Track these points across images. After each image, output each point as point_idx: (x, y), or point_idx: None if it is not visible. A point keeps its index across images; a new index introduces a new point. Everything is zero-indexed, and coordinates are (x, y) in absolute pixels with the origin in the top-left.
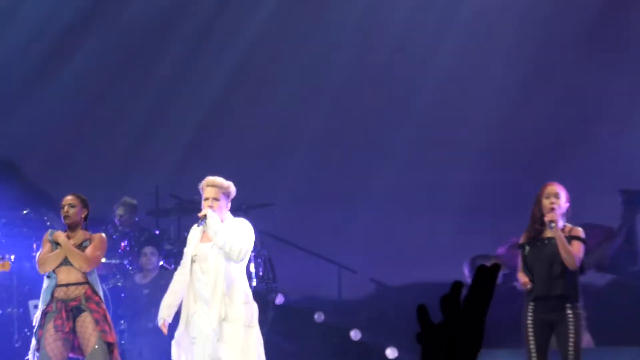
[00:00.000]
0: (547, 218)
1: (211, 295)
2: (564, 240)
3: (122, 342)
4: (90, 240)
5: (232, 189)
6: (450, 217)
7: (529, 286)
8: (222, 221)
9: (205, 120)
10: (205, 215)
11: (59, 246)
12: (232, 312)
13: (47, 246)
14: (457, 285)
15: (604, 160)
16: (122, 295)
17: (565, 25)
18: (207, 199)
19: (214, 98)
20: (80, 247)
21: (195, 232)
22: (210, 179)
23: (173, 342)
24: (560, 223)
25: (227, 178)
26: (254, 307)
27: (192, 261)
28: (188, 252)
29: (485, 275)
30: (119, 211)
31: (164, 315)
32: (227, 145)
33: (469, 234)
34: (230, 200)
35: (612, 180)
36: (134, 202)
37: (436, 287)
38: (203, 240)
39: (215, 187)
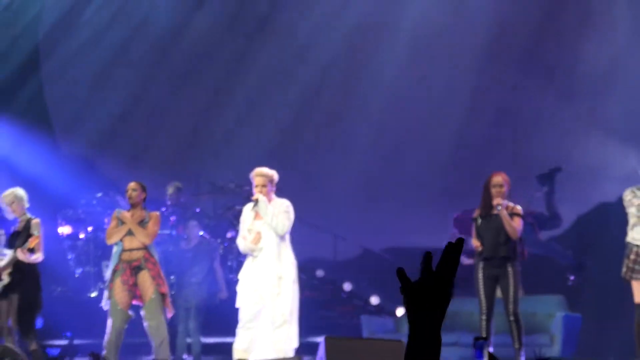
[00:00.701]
0: (494, 202)
1: (264, 258)
2: (508, 218)
3: (172, 292)
4: (149, 217)
5: (276, 176)
6: (423, 196)
7: (480, 249)
8: (269, 202)
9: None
10: (257, 200)
11: (123, 223)
12: (284, 272)
13: (113, 222)
14: (428, 255)
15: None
16: (172, 257)
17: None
18: (257, 185)
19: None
20: (142, 223)
21: (248, 211)
22: (258, 170)
23: (239, 286)
24: (504, 202)
25: (249, 167)
26: (296, 267)
27: (249, 232)
28: (245, 227)
29: (452, 248)
30: (169, 192)
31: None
32: (245, 140)
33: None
34: (274, 185)
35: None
36: (180, 185)
37: (409, 251)
38: (256, 218)
39: (263, 177)
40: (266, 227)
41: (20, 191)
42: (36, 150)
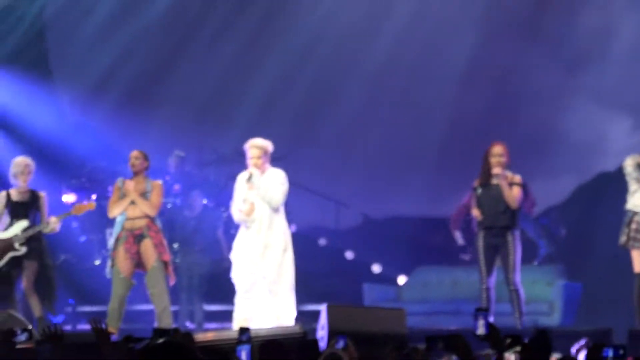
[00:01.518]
0: (494, 171)
1: (258, 228)
2: (507, 187)
3: (176, 260)
4: (151, 186)
5: (270, 147)
6: (423, 165)
7: (479, 218)
8: (263, 174)
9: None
10: (251, 174)
11: (125, 194)
12: (272, 240)
13: (116, 193)
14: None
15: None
16: (175, 226)
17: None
18: (252, 157)
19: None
20: (144, 193)
21: (242, 181)
22: (253, 141)
23: (232, 256)
24: (504, 172)
25: (247, 137)
26: (289, 236)
27: (243, 201)
28: (239, 197)
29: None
30: (171, 161)
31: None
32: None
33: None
34: (269, 156)
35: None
36: (182, 154)
37: (411, 220)
38: (250, 188)
39: (257, 148)
40: (259, 198)
41: (31, 162)
42: (41, 113)
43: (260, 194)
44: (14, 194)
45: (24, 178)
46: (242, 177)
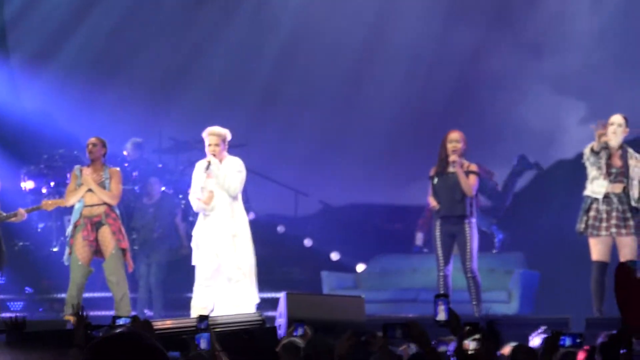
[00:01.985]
0: (450, 159)
1: (217, 215)
2: (464, 175)
3: (135, 247)
4: (109, 173)
5: (229, 135)
6: (382, 153)
7: (437, 208)
8: (221, 161)
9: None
10: (209, 162)
11: (82, 183)
12: (238, 229)
13: (73, 182)
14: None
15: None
16: (133, 212)
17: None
18: (210, 145)
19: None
20: (103, 180)
21: (201, 168)
22: (211, 128)
23: (193, 244)
24: (460, 159)
25: (211, 123)
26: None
27: (201, 189)
28: (197, 184)
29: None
30: (128, 148)
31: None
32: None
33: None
34: (227, 143)
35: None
36: (139, 140)
37: (371, 207)
38: (208, 177)
39: (215, 135)
40: (218, 186)
41: None
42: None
43: (218, 182)
44: None
45: None
46: (200, 165)
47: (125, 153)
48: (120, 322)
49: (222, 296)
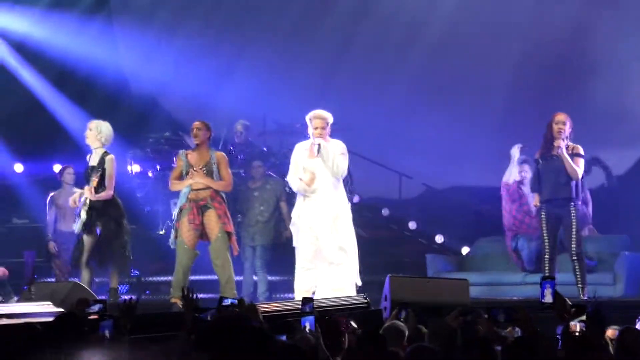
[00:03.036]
0: (555, 143)
1: (319, 198)
2: (569, 159)
3: (240, 230)
4: (215, 157)
5: (331, 119)
6: (486, 131)
7: (538, 205)
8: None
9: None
10: (319, 145)
11: (189, 164)
12: (340, 211)
13: (177, 170)
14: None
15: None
16: (238, 196)
17: None
18: (316, 128)
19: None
20: (207, 164)
21: (302, 149)
22: (317, 112)
23: (292, 226)
24: (566, 142)
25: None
26: (345, 203)
27: (303, 170)
28: (298, 166)
29: None
30: (237, 130)
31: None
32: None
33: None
34: (330, 127)
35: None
36: (247, 123)
37: (473, 190)
38: (309, 156)
39: (321, 119)
40: (321, 167)
41: (106, 125)
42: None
43: (327, 164)
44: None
45: (91, 138)
46: (300, 147)
47: (238, 131)
48: (227, 302)
49: (323, 279)
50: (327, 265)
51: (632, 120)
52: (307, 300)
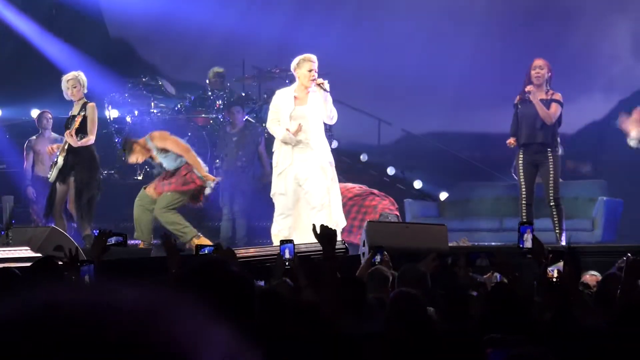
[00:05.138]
0: (527, 89)
1: (306, 145)
2: (540, 103)
3: (218, 177)
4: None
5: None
6: (464, 77)
7: (512, 145)
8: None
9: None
10: (323, 83)
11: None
12: (324, 159)
13: None
14: None
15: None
16: (217, 141)
17: None
18: (310, 70)
19: None
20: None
21: (287, 96)
22: (307, 55)
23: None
24: (542, 87)
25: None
26: (329, 149)
27: (290, 118)
28: (283, 113)
29: None
30: (209, 78)
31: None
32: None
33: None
34: None
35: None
36: (221, 70)
37: (454, 136)
38: (297, 103)
39: (312, 62)
40: (309, 115)
41: (82, 75)
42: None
43: (327, 107)
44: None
45: (68, 92)
46: (283, 93)
47: (210, 81)
48: (205, 251)
49: (303, 224)
50: (310, 210)
51: (611, 66)
52: (285, 242)
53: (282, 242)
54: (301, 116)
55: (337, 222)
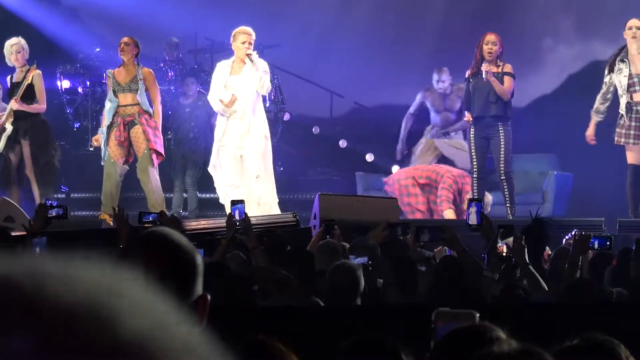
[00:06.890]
0: (483, 68)
1: (241, 115)
2: (497, 82)
3: (171, 148)
4: (142, 74)
5: (254, 35)
6: (418, 49)
7: (470, 120)
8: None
9: None
10: (250, 55)
11: (117, 82)
12: (259, 128)
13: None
14: None
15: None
16: (169, 112)
17: None
18: (243, 42)
19: None
20: (134, 79)
21: (224, 67)
22: (241, 28)
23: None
24: (495, 62)
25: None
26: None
27: (225, 88)
28: (219, 83)
29: None
30: (167, 48)
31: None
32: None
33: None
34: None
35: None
36: (176, 40)
37: (404, 109)
38: (232, 74)
39: (247, 34)
40: (244, 85)
41: (24, 41)
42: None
43: (256, 79)
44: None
45: (11, 58)
46: (222, 64)
47: (165, 51)
48: (149, 218)
49: (249, 194)
50: (254, 180)
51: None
52: (236, 202)
53: (233, 202)
54: (234, 87)
55: (271, 195)
